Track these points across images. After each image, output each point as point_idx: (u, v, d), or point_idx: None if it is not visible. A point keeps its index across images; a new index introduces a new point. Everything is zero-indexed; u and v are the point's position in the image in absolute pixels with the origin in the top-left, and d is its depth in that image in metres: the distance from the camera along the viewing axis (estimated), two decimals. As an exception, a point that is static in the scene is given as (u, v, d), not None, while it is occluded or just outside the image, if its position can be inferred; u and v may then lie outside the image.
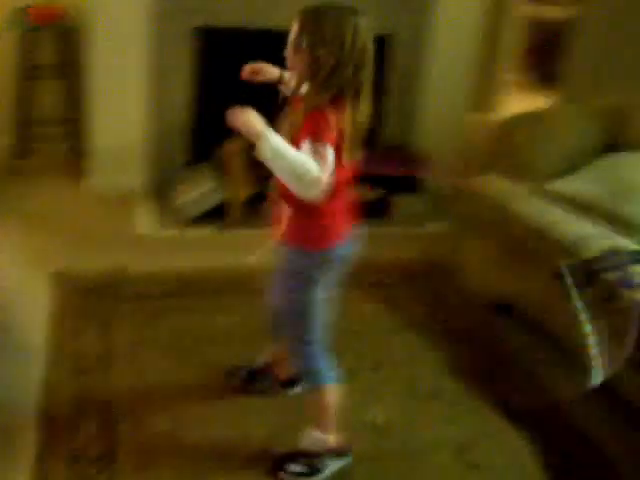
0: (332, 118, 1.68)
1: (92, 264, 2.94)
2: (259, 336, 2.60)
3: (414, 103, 3.91)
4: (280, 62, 3.64)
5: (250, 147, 1.81)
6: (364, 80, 1.73)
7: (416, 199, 3.81)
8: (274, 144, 1.64)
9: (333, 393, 1.98)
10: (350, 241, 1.92)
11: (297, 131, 1.71)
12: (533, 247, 2.66)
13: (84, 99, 3.58)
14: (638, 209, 2.61)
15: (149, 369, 2.40)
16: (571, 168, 2.93)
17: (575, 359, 2.54)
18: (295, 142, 1.69)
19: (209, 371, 2.41)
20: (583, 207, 2.71)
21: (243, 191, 3.40)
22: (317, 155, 1.64)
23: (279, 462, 2.03)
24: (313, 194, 1.66)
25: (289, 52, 1.78)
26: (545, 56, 6.60)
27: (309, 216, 1.82)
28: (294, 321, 1.95)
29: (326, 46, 1.68)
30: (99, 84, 3.44)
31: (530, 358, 2.68)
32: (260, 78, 2.06)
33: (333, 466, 2.03)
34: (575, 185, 2.79)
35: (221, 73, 3.55)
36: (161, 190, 3.57)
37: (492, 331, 2.83)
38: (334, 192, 1.75)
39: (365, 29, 1.71)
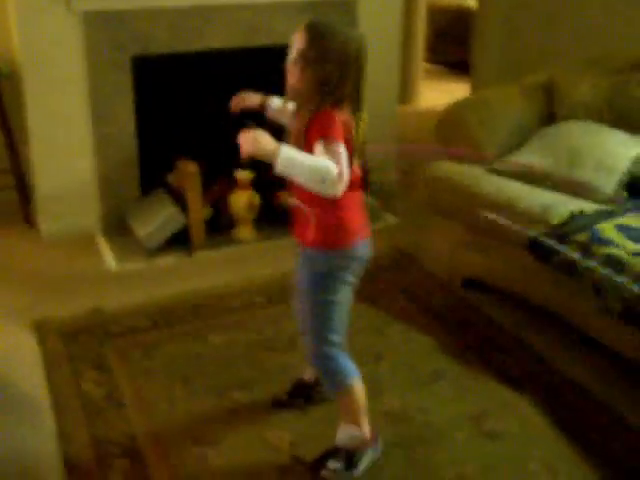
0: (337, 116, 1.78)
1: (70, 308, 2.91)
2: (255, 349, 2.67)
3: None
4: (220, 78, 3.68)
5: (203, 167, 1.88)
6: (361, 92, 1.84)
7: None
8: (288, 156, 1.71)
9: (358, 387, 2.06)
10: (367, 241, 2.01)
11: (304, 137, 1.80)
12: (500, 222, 2.80)
13: (25, 144, 3.52)
14: (589, 172, 2.79)
15: (159, 400, 2.40)
16: (516, 144, 3.10)
17: (555, 320, 2.73)
18: (306, 147, 1.78)
19: (217, 393, 2.44)
20: (537, 178, 2.87)
21: (203, 212, 3.42)
22: (331, 153, 1.73)
23: (319, 459, 2.09)
24: (337, 190, 1.75)
25: (292, 64, 1.84)
26: (451, 44, 6.85)
27: (327, 213, 1.89)
28: (318, 323, 2.00)
29: (332, 62, 1.77)
30: (38, 127, 3.38)
31: (514, 326, 2.82)
32: (243, 105, 2.14)
33: (367, 458, 2.10)
34: (525, 159, 2.95)
35: (162, 99, 3.58)
36: (119, 224, 3.55)
37: (471, 307, 2.97)
38: (347, 188, 1.83)
39: (365, 48, 1.83)
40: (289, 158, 1.72)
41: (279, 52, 1.92)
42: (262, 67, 3.65)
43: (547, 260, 2.58)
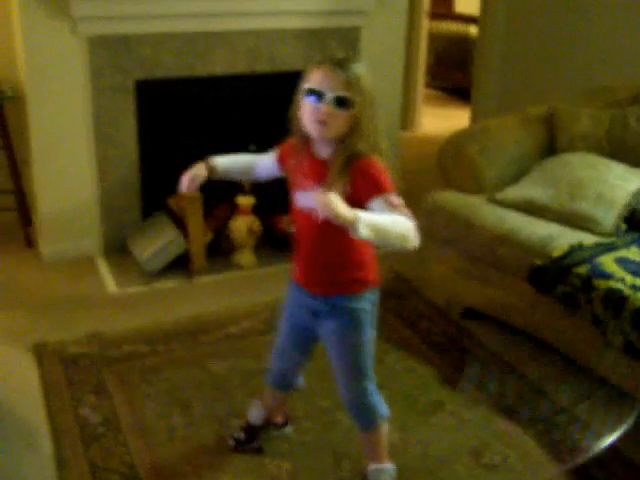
0: (383, 163, 1.75)
1: (69, 331, 2.91)
2: (254, 377, 2.66)
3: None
4: (223, 103, 3.70)
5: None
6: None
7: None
8: (370, 222, 1.63)
9: (386, 424, 2.06)
10: None
11: (349, 196, 1.70)
12: (500, 253, 2.81)
13: (27, 165, 3.54)
14: (589, 204, 2.81)
15: (158, 428, 2.40)
16: (517, 174, 3.12)
17: (553, 354, 2.73)
18: (353, 201, 1.67)
19: (217, 420, 2.43)
20: (538, 210, 2.88)
21: (204, 237, 3.43)
22: (396, 207, 1.68)
23: None
24: (417, 242, 1.70)
25: (334, 110, 1.71)
26: (450, 69, 6.91)
27: (356, 256, 1.88)
28: (359, 362, 1.96)
29: (373, 103, 1.75)
30: (41, 149, 3.40)
31: (513, 357, 2.82)
32: (197, 185, 1.97)
33: None
34: (526, 190, 2.97)
35: (165, 123, 3.61)
36: (120, 247, 3.56)
37: (471, 337, 2.97)
38: None
39: None
40: (370, 224, 1.62)
41: (281, 78, 1.88)
42: (264, 93, 3.70)
43: (548, 292, 2.59)
